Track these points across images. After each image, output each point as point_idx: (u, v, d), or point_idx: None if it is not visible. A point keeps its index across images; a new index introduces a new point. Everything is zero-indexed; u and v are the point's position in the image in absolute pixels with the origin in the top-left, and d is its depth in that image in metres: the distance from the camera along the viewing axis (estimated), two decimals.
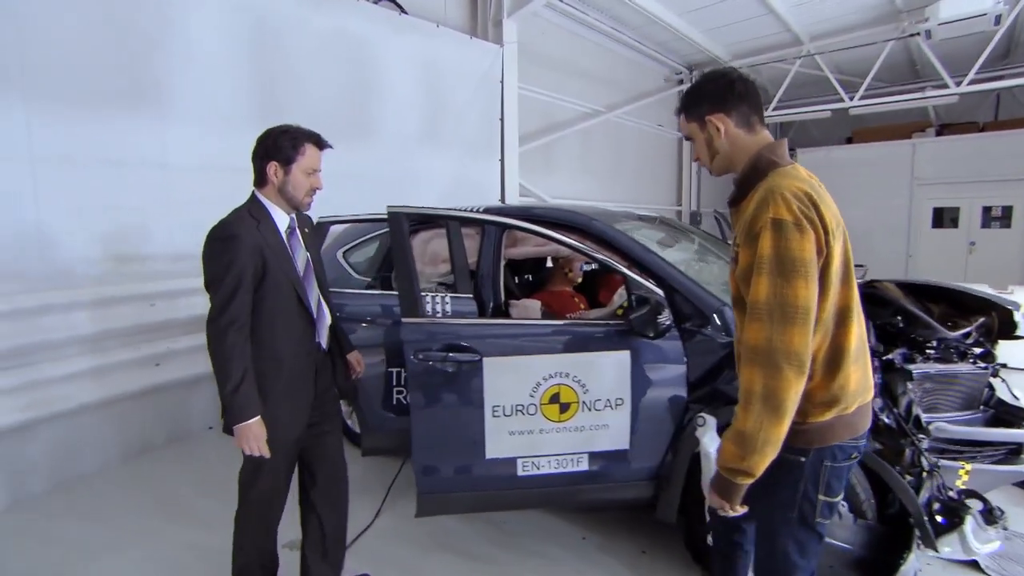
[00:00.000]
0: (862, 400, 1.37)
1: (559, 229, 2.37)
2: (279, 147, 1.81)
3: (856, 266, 3.11)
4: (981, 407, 2.33)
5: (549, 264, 3.55)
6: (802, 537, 1.40)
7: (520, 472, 2.18)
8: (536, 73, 7.12)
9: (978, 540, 1.91)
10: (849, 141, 10.59)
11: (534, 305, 2.80)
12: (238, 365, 1.69)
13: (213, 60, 3.92)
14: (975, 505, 1.93)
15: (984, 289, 3.06)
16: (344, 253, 3.47)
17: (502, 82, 6.29)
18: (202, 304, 3.85)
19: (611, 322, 2.21)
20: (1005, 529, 1.97)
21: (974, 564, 2.27)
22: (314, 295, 1.92)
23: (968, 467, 2.07)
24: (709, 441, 2.02)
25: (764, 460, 1.25)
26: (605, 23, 7.92)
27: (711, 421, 2.02)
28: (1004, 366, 2.32)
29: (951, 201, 8.98)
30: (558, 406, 2.14)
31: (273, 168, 1.83)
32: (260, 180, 1.86)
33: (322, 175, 1.93)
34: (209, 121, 3.92)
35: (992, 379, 2.41)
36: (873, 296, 2.55)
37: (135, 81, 3.54)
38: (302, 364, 1.89)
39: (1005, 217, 8.61)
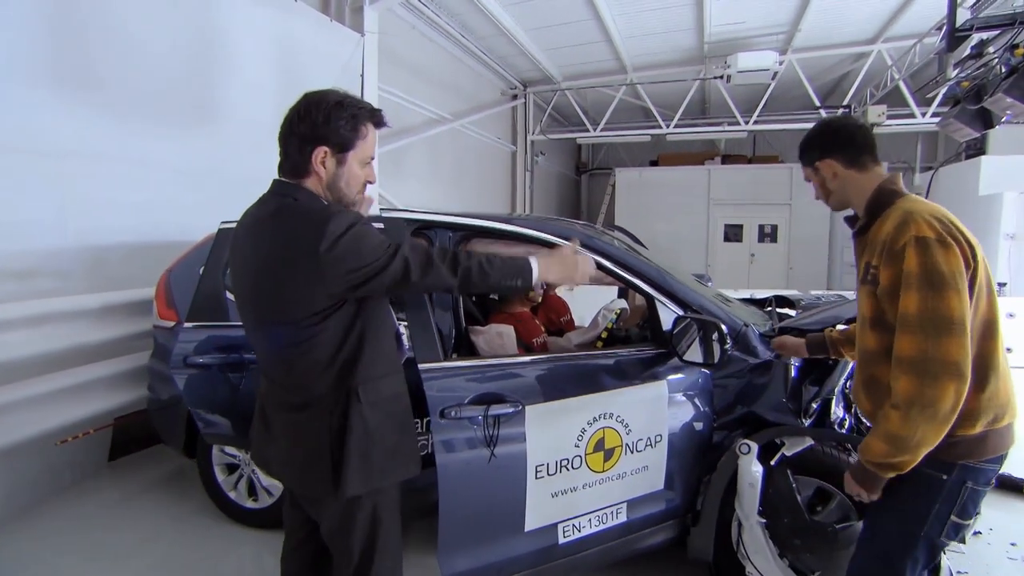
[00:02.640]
0: (1011, 416, 1.37)
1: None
2: (333, 127, 1.26)
3: (698, 276, 3.32)
4: None
5: None
6: (921, 555, 1.38)
7: (561, 540, 1.80)
8: (388, 72, 6.56)
9: None
10: (654, 163, 12.05)
11: (508, 331, 2.41)
12: (466, 257, 1.35)
13: None
14: None
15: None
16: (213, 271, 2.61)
17: (362, 76, 5.62)
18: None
19: (645, 349, 1.97)
20: None
21: None
22: None
23: None
24: (755, 469, 1.92)
25: (916, 459, 1.27)
26: (454, 28, 7.70)
27: (755, 447, 1.92)
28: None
29: (736, 219, 10.84)
30: (602, 453, 1.83)
31: (322, 155, 1.27)
32: (299, 170, 1.29)
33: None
34: None
35: None
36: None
37: None
38: (403, 378, 1.51)
39: (774, 234, 10.72)
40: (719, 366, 1.87)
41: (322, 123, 1.26)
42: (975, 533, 2.63)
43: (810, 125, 1.59)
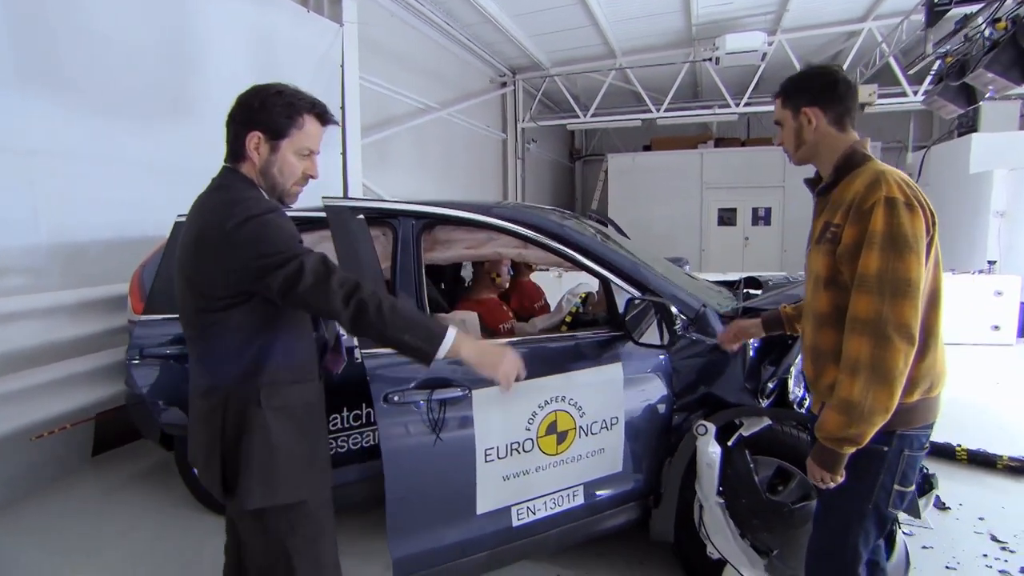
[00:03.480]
0: (942, 386, 1.40)
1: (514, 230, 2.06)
2: (268, 113, 1.30)
3: (675, 259, 3.33)
4: None
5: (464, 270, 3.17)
6: (871, 527, 1.40)
7: (515, 522, 1.82)
8: (371, 62, 6.51)
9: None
10: (647, 148, 11.98)
11: (471, 318, 2.42)
12: (371, 295, 1.23)
13: None
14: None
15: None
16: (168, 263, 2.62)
17: (342, 66, 5.58)
18: None
19: (601, 332, 1.97)
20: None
21: None
22: None
23: None
24: (712, 450, 1.93)
25: (872, 428, 1.26)
26: (438, 16, 7.63)
27: (711, 428, 1.92)
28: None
29: (730, 203, 10.81)
30: (555, 436, 1.83)
31: (255, 140, 1.30)
32: (236, 154, 1.33)
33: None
34: None
35: None
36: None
37: None
38: (319, 388, 1.49)
39: (767, 217, 10.67)
40: (671, 347, 1.87)
41: (257, 108, 1.29)
42: (945, 508, 2.64)
43: None
